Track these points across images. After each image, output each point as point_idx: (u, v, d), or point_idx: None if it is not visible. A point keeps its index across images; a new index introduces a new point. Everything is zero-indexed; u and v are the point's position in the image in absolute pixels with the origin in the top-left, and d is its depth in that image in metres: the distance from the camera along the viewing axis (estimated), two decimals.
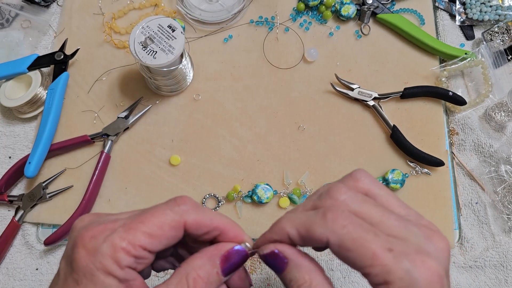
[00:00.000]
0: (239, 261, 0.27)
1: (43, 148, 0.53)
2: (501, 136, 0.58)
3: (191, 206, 0.26)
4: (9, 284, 0.53)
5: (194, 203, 0.27)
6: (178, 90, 0.59)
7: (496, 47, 0.60)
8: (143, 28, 0.51)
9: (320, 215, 0.24)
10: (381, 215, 0.25)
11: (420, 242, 0.24)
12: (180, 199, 0.27)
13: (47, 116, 0.55)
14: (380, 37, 0.63)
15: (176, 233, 0.26)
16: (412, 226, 0.25)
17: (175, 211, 0.26)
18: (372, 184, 0.27)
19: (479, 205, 0.55)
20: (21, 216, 0.54)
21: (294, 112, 0.59)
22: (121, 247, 0.24)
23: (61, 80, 0.57)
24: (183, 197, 0.27)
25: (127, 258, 0.24)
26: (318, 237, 0.24)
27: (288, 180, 0.56)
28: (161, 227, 0.25)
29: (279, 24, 0.63)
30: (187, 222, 0.26)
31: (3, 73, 0.57)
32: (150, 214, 0.25)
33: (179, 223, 0.26)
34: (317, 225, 0.24)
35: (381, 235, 0.23)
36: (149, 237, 0.24)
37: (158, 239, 0.25)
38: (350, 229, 0.23)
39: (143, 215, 0.25)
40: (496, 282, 0.53)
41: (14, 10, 0.64)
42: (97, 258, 0.24)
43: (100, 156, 0.55)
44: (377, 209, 0.25)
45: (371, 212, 0.25)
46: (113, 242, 0.24)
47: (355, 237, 0.23)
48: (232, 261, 0.27)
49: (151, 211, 0.26)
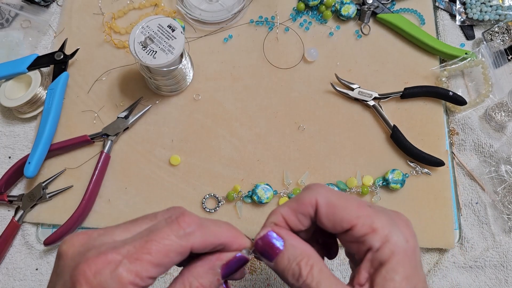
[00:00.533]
0: (239, 266, 0.28)
1: (43, 148, 0.53)
2: (501, 136, 0.58)
3: (196, 227, 0.25)
4: (9, 284, 0.53)
5: (198, 222, 0.26)
6: (178, 90, 0.59)
7: (496, 47, 0.60)
8: (143, 28, 0.51)
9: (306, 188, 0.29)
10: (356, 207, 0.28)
11: (390, 213, 0.29)
12: (183, 221, 0.25)
13: (47, 116, 0.55)
14: (380, 37, 0.63)
15: (182, 257, 0.25)
16: (380, 213, 0.28)
17: (181, 236, 0.24)
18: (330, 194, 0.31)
19: (479, 205, 0.55)
20: (21, 216, 0.54)
21: (294, 112, 0.59)
22: (129, 281, 0.23)
23: (61, 80, 0.57)
24: (185, 217, 0.25)
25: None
26: (308, 201, 0.27)
27: (288, 180, 0.56)
28: (168, 255, 0.24)
29: (279, 24, 0.63)
30: (193, 245, 0.25)
31: (3, 73, 0.57)
32: (156, 242, 0.24)
33: (186, 249, 0.25)
34: (304, 194, 0.28)
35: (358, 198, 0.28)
36: (156, 267, 0.23)
37: (164, 267, 0.24)
38: (334, 192, 0.28)
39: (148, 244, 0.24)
40: (496, 282, 0.53)
41: (14, 10, 0.64)
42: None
43: (100, 156, 0.55)
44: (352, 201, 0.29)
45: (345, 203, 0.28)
46: (120, 276, 0.22)
47: (340, 195, 0.28)
48: (233, 267, 0.27)
49: (155, 237, 0.24)
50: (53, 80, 0.57)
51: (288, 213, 0.29)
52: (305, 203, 0.28)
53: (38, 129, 0.55)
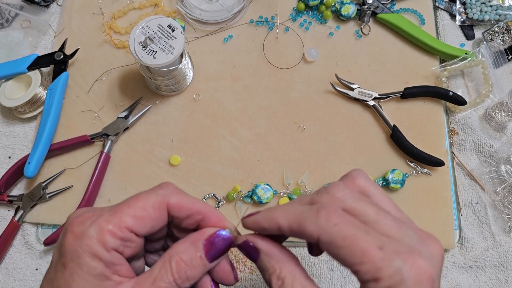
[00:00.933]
0: (223, 246, 0.28)
1: (43, 148, 0.53)
2: (501, 136, 0.58)
3: (174, 190, 0.28)
4: (9, 284, 0.53)
5: (177, 188, 0.28)
6: (178, 90, 0.59)
7: (496, 47, 0.60)
8: (143, 28, 0.51)
9: (314, 212, 0.24)
10: (376, 214, 0.25)
11: (413, 243, 0.23)
12: (164, 184, 0.28)
13: (47, 116, 0.55)
14: (380, 37, 0.63)
15: (160, 214, 0.27)
16: (406, 228, 0.25)
17: (158, 193, 0.27)
18: (368, 183, 0.28)
19: (479, 205, 0.55)
20: (21, 216, 0.54)
21: (294, 112, 0.59)
22: (107, 230, 0.24)
23: (61, 80, 0.57)
24: (167, 182, 0.28)
25: (113, 240, 0.25)
26: (309, 233, 0.24)
27: (288, 180, 0.56)
28: (145, 208, 0.26)
29: (279, 24, 0.63)
30: (169, 203, 0.27)
31: (3, 73, 0.57)
32: (135, 198, 0.27)
33: (162, 204, 0.27)
34: (309, 221, 0.24)
35: (372, 233, 0.23)
36: (134, 219, 0.25)
37: (143, 220, 0.26)
38: (341, 227, 0.23)
39: (128, 200, 0.26)
40: (496, 282, 0.53)
41: (14, 10, 0.64)
42: (84, 241, 0.24)
43: (100, 156, 0.55)
44: (373, 207, 0.25)
45: (366, 210, 0.25)
46: (99, 225, 0.25)
47: (346, 235, 0.23)
48: (216, 246, 0.27)
49: (136, 196, 0.27)
50: (53, 80, 0.57)
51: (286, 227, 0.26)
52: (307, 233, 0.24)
53: (38, 129, 0.55)
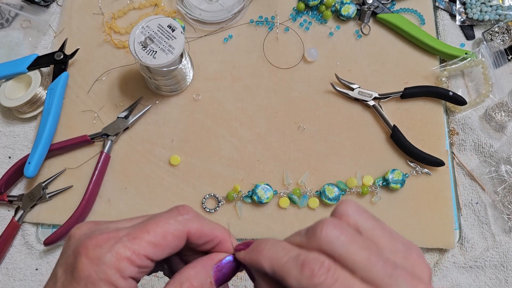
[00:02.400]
0: (231, 271, 0.27)
1: (43, 148, 0.53)
2: (501, 136, 0.58)
3: (194, 216, 0.27)
4: (9, 284, 0.53)
5: (196, 213, 0.27)
6: (178, 90, 0.59)
7: (496, 47, 0.60)
8: (143, 28, 0.51)
9: (299, 267, 0.23)
10: (366, 261, 0.23)
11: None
12: (183, 209, 0.27)
13: (47, 116, 0.55)
14: (380, 37, 0.63)
15: (179, 242, 0.26)
16: (397, 274, 0.23)
17: (179, 220, 0.26)
18: (358, 217, 0.26)
19: (479, 205, 0.55)
20: (21, 216, 0.54)
21: (294, 112, 0.59)
22: (125, 257, 0.24)
23: (61, 80, 0.57)
24: (185, 206, 0.27)
25: (131, 268, 0.24)
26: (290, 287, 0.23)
27: (288, 180, 0.56)
28: (165, 237, 0.25)
29: (279, 24, 0.63)
30: (190, 231, 0.26)
31: (3, 73, 0.57)
32: (154, 224, 0.25)
33: (183, 233, 0.26)
34: (292, 277, 0.23)
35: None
36: (154, 247, 0.24)
37: (161, 248, 0.25)
38: (325, 286, 0.22)
39: (147, 225, 0.25)
40: (496, 282, 0.53)
41: (14, 10, 0.64)
42: (101, 268, 0.23)
43: (100, 156, 0.55)
44: (362, 253, 0.24)
45: (355, 258, 0.23)
46: (117, 251, 0.24)
47: None
48: (225, 271, 0.27)
49: (154, 220, 0.26)
50: (53, 80, 0.57)
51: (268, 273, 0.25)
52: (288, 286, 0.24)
53: (38, 129, 0.55)
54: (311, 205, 0.54)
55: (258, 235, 0.53)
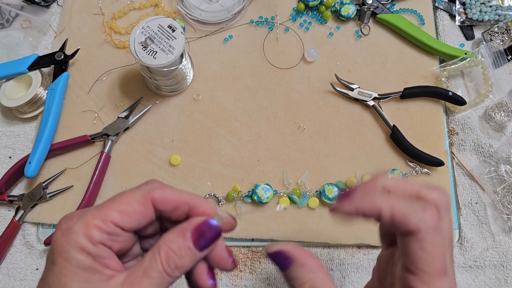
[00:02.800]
0: (212, 235, 0.28)
1: (43, 148, 0.53)
2: (501, 136, 0.58)
3: (158, 184, 0.28)
4: (9, 284, 0.53)
5: (162, 183, 0.29)
6: (178, 90, 0.59)
7: (496, 47, 0.60)
8: (143, 28, 0.51)
9: (421, 209, 0.27)
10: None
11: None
12: (149, 180, 0.29)
13: (47, 116, 0.55)
14: (380, 37, 0.63)
15: (145, 208, 0.27)
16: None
17: (142, 188, 0.28)
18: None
19: (479, 205, 0.55)
20: (21, 216, 0.54)
21: (294, 112, 0.59)
22: (93, 224, 0.25)
23: (61, 80, 0.57)
24: (152, 179, 0.29)
25: (100, 234, 0.25)
26: (411, 225, 0.26)
27: (288, 180, 0.56)
28: (130, 203, 0.27)
29: (279, 24, 0.63)
30: (154, 197, 0.27)
31: (3, 73, 0.57)
32: (120, 194, 0.27)
33: (146, 199, 0.27)
34: (415, 216, 0.26)
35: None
36: (119, 214, 0.26)
37: (128, 215, 0.26)
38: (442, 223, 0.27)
39: (114, 196, 0.27)
40: (496, 282, 0.53)
41: (14, 10, 0.65)
42: (71, 237, 0.25)
43: (101, 156, 0.55)
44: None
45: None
46: (85, 220, 0.25)
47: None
48: (205, 235, 0.27)
49: (121, 192, 0.28)
50: (53, 80, 0.58)
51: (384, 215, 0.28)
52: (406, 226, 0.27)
53: (38, 129, 0.55)
54: (311, 205, 0.54)
55: (258, 235, 0.54)
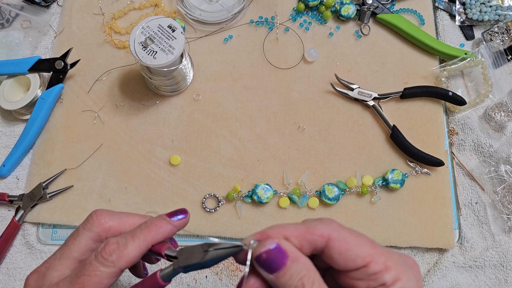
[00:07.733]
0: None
1: (18, 156, 0.57)
2: (501, 136, 0.58)
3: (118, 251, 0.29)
4: (9, 284, 0.53)
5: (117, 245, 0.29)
6: (178, 90, 0.59)
7: (496, 47, 0.60)
8: (143, 28, 0.51)
9: (318, 220, 0.28)
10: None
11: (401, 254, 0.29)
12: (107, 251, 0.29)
13: (30, 127, 0.57)
14: (380, 37, 0.63)
15: (117, 277, 0.29)
16: None
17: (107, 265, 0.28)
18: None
19: (479, 205, 0.55)
20: (22, 216, 0.54)
21: (294, 112, 0.59)
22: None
23: (54, 92, 0.57)
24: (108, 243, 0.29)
25: None
26: (320, 232, 0.27)
27: (288, 180, 0.56)
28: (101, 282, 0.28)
29: (279, 24, 0.63)
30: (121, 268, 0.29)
31: (4, 70, 0.58)
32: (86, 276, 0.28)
33: (115, 273, 0.29)
34: (317, 224, 0.28)
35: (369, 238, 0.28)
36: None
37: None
38: (346, 228, 0.28)
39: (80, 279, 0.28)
40: (496, 282, 0.53)
41: (14, 10, 0.65)
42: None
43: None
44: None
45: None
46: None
47: (353, 232, 0.27)
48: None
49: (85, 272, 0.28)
50: (48, 87, 0.58)
51: (295, 235, 0.27)
52: (317, 233, 0.27)
53: (20, 136, 0.57)
54: (311, 205, 0.54)
55: None
